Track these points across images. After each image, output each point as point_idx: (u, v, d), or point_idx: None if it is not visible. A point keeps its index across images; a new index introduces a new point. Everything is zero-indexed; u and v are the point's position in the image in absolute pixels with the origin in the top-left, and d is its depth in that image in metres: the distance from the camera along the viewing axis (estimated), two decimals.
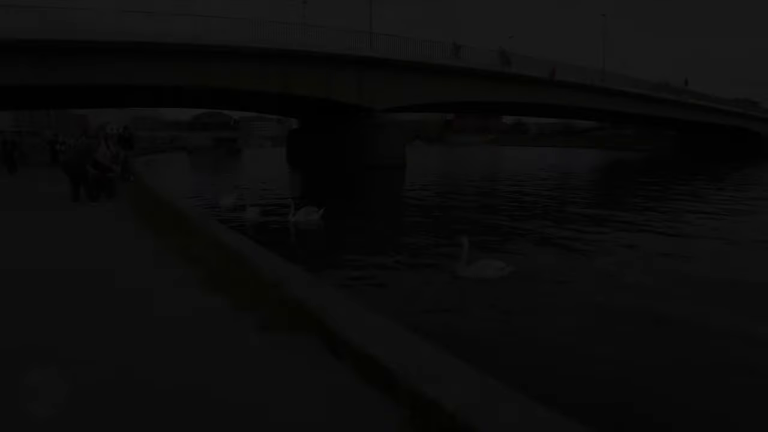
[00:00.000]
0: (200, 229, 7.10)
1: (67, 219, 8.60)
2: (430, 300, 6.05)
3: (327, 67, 32.21)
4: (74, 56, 26.33)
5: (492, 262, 7.02)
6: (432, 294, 6.32)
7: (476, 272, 6.92)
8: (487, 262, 7.01)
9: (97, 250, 6.06)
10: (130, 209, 9.46)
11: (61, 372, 2.73)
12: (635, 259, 8.27)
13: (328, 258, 8.07)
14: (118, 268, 5.11)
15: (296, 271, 4.97)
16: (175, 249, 5.92)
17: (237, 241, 6.42)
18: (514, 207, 14.97)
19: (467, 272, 6.94)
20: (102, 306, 3.98)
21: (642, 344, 4.92)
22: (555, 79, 40.61)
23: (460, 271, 7.01)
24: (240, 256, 5.30)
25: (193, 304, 3.97)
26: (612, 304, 5.99)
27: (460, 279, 6.90)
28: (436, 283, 6.73)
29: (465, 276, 6.93)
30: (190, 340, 3.29)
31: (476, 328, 5.23)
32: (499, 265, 7.01)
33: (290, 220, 11.20)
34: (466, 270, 6.96)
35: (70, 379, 2.65)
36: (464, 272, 6.96)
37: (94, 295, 4.27)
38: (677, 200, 16.50)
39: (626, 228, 11.19)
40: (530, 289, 6.58)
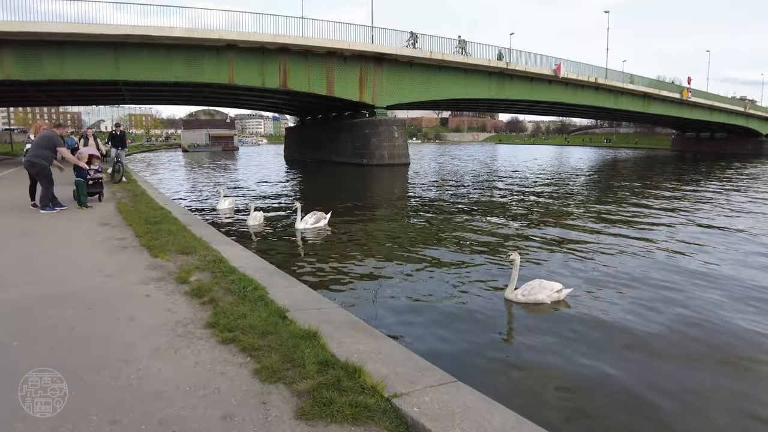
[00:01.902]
0: (200, 243, 6.06)
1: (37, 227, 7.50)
2: (476, 335, 5.02)
3: (327, 62, 31.12)
4: (61, 49, 25.13)
5: (545, 283, 6.01)
6: (477, 325, 5.29)
7: (527, 295, 5.92)
8: (540, 282, 6.00)
9: (65, 272, 5.01)
10: (118, 216, 8.39)
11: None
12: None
13: (347, 274, 7.05)
14: (99, 301, 4.06)
15: (334, 310, 3.96)
16: (170, 272, 4.88)
17: (246, 261, 5.39)
18: (547, 211, 13.95)
19: (517, 296, 5.95)
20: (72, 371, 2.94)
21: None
22: (560, 77, 39.80)
23: (509, 293, 6.02)
24: (255, 286, 4.27)
25: (199, 367, 2.94)
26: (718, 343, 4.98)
27: (509, 303, 5.91)
28: (481, 310, 5.70)
29: (514, 300, 5.94)
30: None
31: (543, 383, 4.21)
32: (555, 286, 6.01)
33: (297, 228, 10.19)
34: (516, 293, 5.97)
35: None
36: (513, 295, 5.97)
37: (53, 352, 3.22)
38: (726, 197, 15.61)
39: (672, 228, 10.26)
40: (594, 319, 5.56)
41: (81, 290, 4.38)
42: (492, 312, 5.71)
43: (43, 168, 9.04)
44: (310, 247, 8.87)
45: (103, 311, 3.86)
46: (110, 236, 6.79)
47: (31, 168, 9.16)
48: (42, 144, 9.10)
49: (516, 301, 5.94)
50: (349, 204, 14.93)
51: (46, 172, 9.08)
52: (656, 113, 51.67)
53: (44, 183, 9.17)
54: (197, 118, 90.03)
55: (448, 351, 4.50)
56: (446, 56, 33.85)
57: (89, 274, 4.92)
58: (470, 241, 9.40)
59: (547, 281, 6.07)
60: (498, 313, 5.72)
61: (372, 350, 3.17)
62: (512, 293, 6.00)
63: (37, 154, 9.01)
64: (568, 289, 6.12)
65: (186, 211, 10.16)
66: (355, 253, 8.32)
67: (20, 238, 6.73)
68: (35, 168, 9.07)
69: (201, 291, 4.17)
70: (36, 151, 9.06)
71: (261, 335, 3.21)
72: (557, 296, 6.00)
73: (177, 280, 4.60)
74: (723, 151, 65.48)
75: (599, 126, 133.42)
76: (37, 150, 9.06)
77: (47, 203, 9.17)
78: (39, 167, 9.02)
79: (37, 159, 8.97)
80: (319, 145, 41.66)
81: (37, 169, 9.05)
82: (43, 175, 9.10)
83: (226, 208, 13.19)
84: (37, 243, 6.45)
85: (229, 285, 4.31)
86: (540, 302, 5.91)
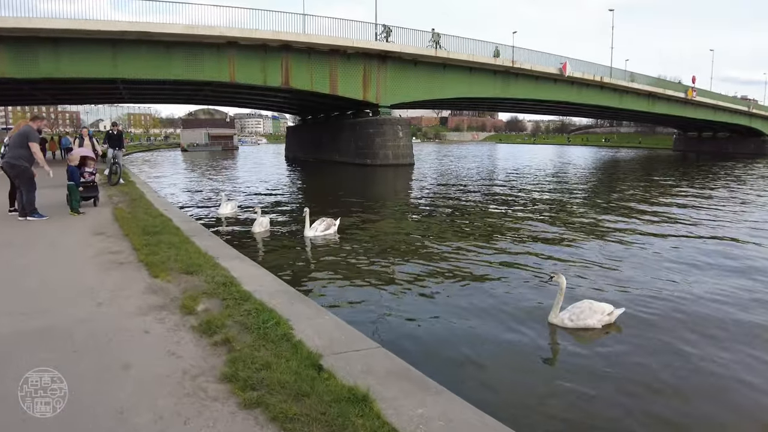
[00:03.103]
0: (206, 260, 5.33)
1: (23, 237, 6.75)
2: (528, 375, 4.28)
3: (330, 60, 30.36)
4: (57, 46, 24.34)
5: (596, 305, 5.29)
6: (525, 359, 4.55)
7: (576, 320, 5.20)
8: (591, 305, 5.28)
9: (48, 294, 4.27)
10: (114, 225, 7.64)
11: None
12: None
13: (368, 293, 6.32)
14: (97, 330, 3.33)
15: (376, 352, 3.24)
16: (173, 298, 4.15)
17: (260, 282, 4.65)
18: (572, 215, 13.20)
19: (564, 320, 5.22)
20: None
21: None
22: (566, 75, 39.10)
23: (553, 318, 5.30)
24: (276, 319, 3.53)
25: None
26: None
27: (554, 328, 5.19)
28: (525, 340, 4.96)
29: (560, 325, 5.22)
30: None
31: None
32: (605, 308, 5.29)
33: (306, 236, 9.46)
34: (562, 317, 5.24)
35: None
36: (558, 320, 5.25)
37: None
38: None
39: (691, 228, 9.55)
40: (654, 346, 4.84)
41: (66, 324, 3.63)
42: (538, 341, 4.98)
43: (24, 170, 7.96)
44: (323, 258, 8.11)
45: (91, 355, 3.12)
46: (104, 249, 6.04)
47: (11, 170, 8.06)
48: (18, 143, 7.96)
49: (562, 326, 5.23)
50: (358, 207, 14.20)
51: (28, 174, 8.02)
52: (661, 113, 51.02)
53: (26, 186, 8.09)
54: (196, 118, 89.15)
55: (503, 402, 3.74)
56: (451, 54, 33.08)
57: (77, 300, 4.18)
58: (494, 251, 8.67)
59: (596, 303, 5.36)
60: (545, 342, 5.00)
61: (438, 415, 2.46)
62: (557, 317, 5.29)
63: (15, 155, 7.93)
64: (620, 310, 5.40)
65: (187, 218, 9.41)
66: (372, 266, 7.59)
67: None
68: (15, 170, 7.99)
69: (211, 326, 3.43)
70: (14, 151, 7.95)
71: (295, 397, 2.48)
72: (608, 319, 5.30)
73: (181, 309, 3.86)
74: (725, 151, 64.83)
75: (599, 125, 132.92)
76: (15, 150, 7.94)
77: (33, 209, 8.21)
78: (19, 169, 7.95)
79: (16, 160, 7.95)
80: (321, 145, 40.89)
81: (17, 171, 7.98)
82: (24, 178, 8.01)
83: (229, 213, 12.47)
84: (18, 258, 5.66)
85: (245, 317, 3.58)
86: (590, 327, 5.20)
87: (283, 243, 9.23)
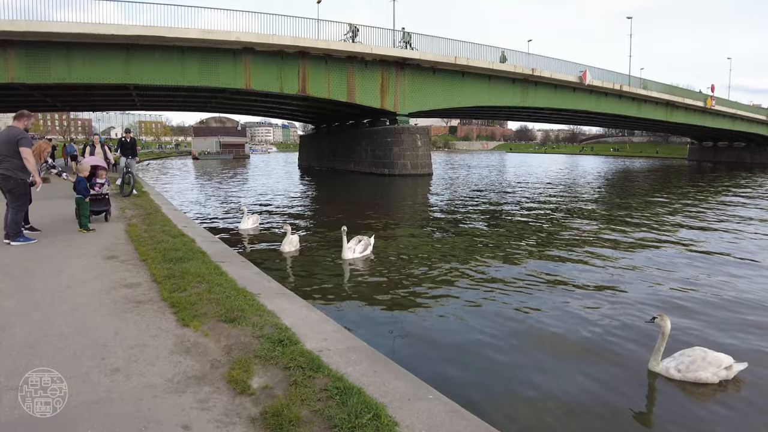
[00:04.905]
0: (246, 299, 4.26)
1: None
2: None
3: (348, 67, 29.48)
4: (69, 51, 23.64)
5: (711, 356, 4.19)
6: (622, 420, 3.47)
7: (686, 372, 4.12)
8: (705, 355, 4.18)
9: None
10: (128, 246, 6.61)
11: None
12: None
13: (433, 337, 5.24)
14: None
15: None
16: (215, 363, 3.07)
17: (324, 335, 3.56)
18: (634, 231, 12.01)
19: (669, 370, 4.18)
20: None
21: None
22: (585, 84, 38.01)
23: (655, 365, 4.25)
24: (366, 404, 2.44)
25: None
26: None
27: (654, 377, 4.18)
28: (619, 393, 3.88)
29: (664, 375, 4.18)
30: None
31: None
32: (723, 360, 4.18)
33: (345, 258, 8.32)
34: (667, 366, 4.21)
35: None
36: (663, 369, 4.21)
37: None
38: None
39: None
40: None
41: (68, 413, 2.55)
42: (638, 394, 3.93)
43: (19, 183, 6.78)
44: (370, 288, 6.92)
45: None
46: (118, 281, 4.98)
47: (4, 183, 6.81)
48: (9, 150, 6.60)
49: (667, 376, 4.18)
50: (386, 221, 13.13)
51: (23, 190, 6.86)
52: (679, 122, 49.77)
53: (15, 203, 6.79)
54: (208, 125, 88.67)
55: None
56: (471, 61, 32.10)
57: (83, 363, 3.10)
58: (549, 275, 7.54)
59: (712, 352, 4.24)
60: (647, 397, 3.94)
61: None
62: (661, 366, 4.24)
63: (8, 167, 6.66)
64: (741, 365, 4.27)
65: (211, 237, 8.36)
66: (423, 297, 6.48)
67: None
68: (9, 183, 6.76)
69: (282, 422, 2.34)
70: (7, 163, 6.66)
71: None
72: (726, 374, 4.18)
73: (230, 384, 2.77)
74: (743, 161, 63.29)
75: (610, 135, 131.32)
76: (10, 161, 6.65)
77: (18, 231, 6.84)
78: (13, 182, 6.74)
79: (12, 172, 6.70)
80: (336, 154, 39.98)
81: (11, 184, 6.75)
82: (17, 194, 6.79)
83: (251, 228, 11.45)
84: (11, 294, 4.55)
85: (325, 405, 2.48)
86: (702, 382, 4.11)
87: (317, 265, 8.13)
